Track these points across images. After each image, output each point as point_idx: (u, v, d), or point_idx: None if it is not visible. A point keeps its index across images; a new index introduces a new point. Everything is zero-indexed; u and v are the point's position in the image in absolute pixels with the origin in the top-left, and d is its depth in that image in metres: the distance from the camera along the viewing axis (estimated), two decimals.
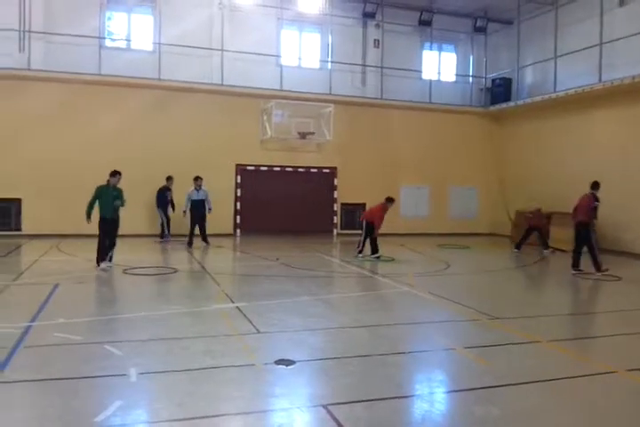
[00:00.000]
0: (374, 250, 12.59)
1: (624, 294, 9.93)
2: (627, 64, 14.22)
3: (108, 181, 10.35)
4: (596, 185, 11.16)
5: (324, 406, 4.14)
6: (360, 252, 12.75)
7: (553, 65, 16.58)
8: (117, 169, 10.52)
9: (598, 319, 7.92)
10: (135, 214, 14.60)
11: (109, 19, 16.80)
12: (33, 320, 6.38)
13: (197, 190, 14.16)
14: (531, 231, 14.67)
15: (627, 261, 13.13)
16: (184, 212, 14.39)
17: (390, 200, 12.81)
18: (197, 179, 14.18)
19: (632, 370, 5.13)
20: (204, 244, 14.32)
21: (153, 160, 15.76)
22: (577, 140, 16.02)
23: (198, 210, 14.20)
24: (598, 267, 10.82)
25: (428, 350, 5.83)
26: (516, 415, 4.19)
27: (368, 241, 12.64)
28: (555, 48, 16.44)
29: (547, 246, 14.70)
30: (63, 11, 15.61)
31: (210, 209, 14.39)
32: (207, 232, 14.47)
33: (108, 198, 10.19)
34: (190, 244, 14.03)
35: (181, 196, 14.63)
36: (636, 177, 13.85)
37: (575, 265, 11.04)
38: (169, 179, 15.24)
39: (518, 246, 14.73)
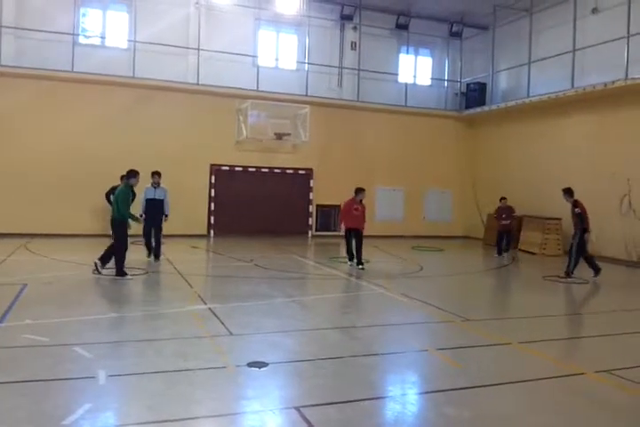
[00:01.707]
0: (350, 256, 11.99)
1: (591, 296, 10.16)
2: (599, 70, 14.54)
3: (128, 182, 9.89)
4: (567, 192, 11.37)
5: (297, 409, 4.13)
6: (359, 262, 11.63)
7: (527, 70, 16.84)
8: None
9: (567, 321, 8.05)
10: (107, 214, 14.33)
11: (84, 15, 16.53)
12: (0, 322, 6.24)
13: (155, 188, 11.66)
14: (504, 234, 14.68)
15: None
16: (140, 215, 11.27)
17: (359, 191, 11.87)
18: (154, 174, 11.73)
19: (600, 371, 5.22)
20: (152, 258, 11.56)
21: (125, 159, 15.29)
22: (549, 144, 16.29)
23: (154, 212, 11.54)
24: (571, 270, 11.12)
25: (400, 352, 5.85)
26: (487, 417, 4.23)
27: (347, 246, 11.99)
28: (529, 54, 16.70)
29: (508, 249, 14.83)
30: (36, 6, 15.33)
31: (166, 216, 11.73)
32: (180, 233, 13.47)
33: (131, 201, 10.06)
34: (152, 254, 11.60)
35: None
36: (605, 182, 14.13)
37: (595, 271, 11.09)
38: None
39: (500, 251, 14.64)
